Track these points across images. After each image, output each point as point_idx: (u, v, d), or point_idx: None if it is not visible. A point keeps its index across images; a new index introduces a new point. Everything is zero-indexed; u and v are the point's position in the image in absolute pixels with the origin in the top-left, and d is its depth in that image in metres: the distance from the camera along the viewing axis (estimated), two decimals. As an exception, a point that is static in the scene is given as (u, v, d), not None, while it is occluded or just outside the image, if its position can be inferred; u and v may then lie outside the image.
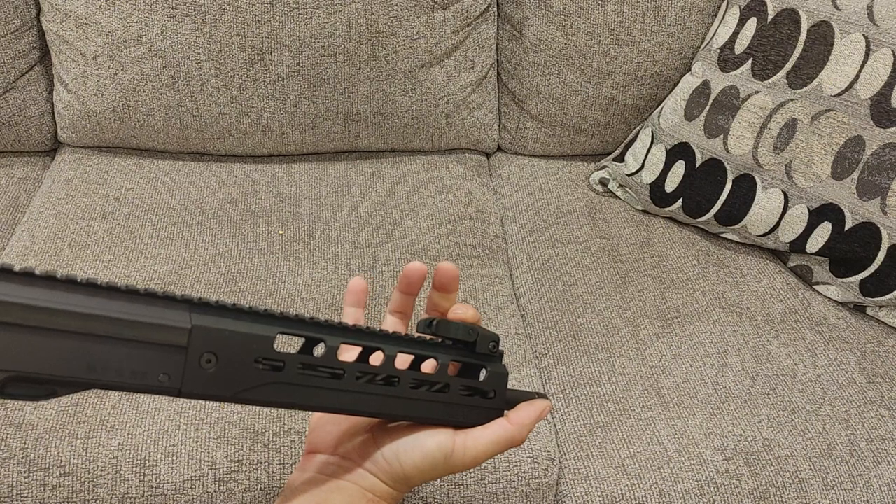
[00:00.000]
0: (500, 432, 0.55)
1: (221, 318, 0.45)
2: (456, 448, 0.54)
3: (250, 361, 0.46)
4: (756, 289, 1.21)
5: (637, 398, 1.03)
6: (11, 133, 1.36)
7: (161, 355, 0.42)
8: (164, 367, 0.43)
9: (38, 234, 1.19)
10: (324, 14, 1.26)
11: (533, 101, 1.42)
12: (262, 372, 0.47)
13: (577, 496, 0.95)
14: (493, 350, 0.59)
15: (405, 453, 0.53)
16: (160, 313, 0.43)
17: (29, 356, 0.39)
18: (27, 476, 0.88)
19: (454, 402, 0.57)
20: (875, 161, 1.12)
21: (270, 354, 0.47)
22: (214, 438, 0.92)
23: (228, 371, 0.45)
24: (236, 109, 1.32)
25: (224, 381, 0.45)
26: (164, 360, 0.43)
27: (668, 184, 1.29)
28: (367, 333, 0.52)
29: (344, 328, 0.51)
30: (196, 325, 0.44)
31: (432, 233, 1.26)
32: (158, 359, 0.42)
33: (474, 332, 0.57)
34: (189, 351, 0.43)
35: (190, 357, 0.43)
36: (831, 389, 1.05)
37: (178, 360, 0.43)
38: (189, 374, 0.43)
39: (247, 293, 1.11)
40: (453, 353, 0.57)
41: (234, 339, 0.45)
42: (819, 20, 1.17)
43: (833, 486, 0.95)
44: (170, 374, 0.43)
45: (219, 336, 0.45)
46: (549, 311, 1.17)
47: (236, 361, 0.45)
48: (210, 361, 0.44)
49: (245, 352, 0.46)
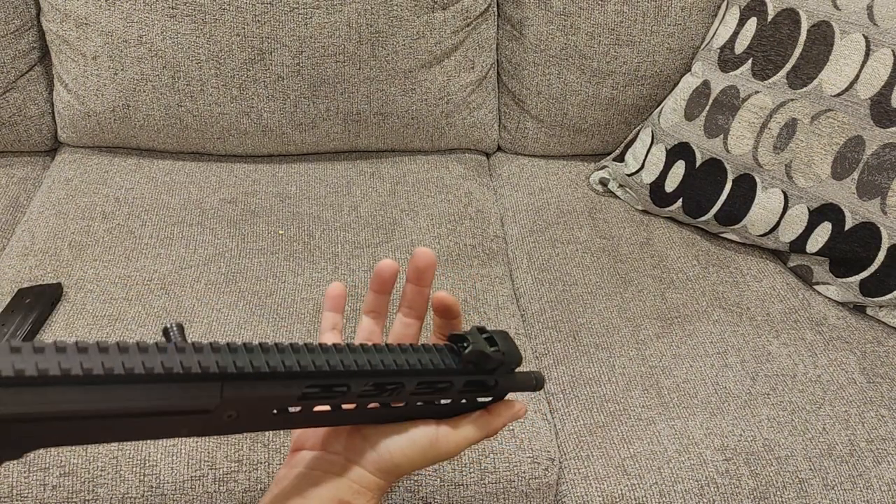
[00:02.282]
0: (479, 424, 0.58)
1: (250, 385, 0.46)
2: (440, 434, 0.56)
3: (269, 413, 0.48)
4: (756, 289, 1.21)
5: (637, 398, 1.03)
6: (11, 133, 1.36)
7: (188, 419, 0.44)
8: (187, 426, 0.44)
9: (38, 234, 1.19)
10: (324, 14, 1.26)
11: (533, 101, 1.42)
12: (277, 417, 0.48)
13: (577, 496, 0.95)
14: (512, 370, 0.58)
15: (394, 443, 0.54)
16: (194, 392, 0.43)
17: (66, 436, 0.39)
18: (27, 476, 0.88)
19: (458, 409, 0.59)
20: (875, 161, 1.12)
21: (289, 405, 0.48)
22: (214, 438, 0.92)
23: (247, 420, 0.46)
24: (236, 109, 1.32)
25: (240, 426, 0.46)
26: (189, 422, 0.44)
27: (668, 184, 1.29)
28: (388, 373, 0.52)
29: (365, 372, 0.51)
30: (226, 398, 0.44)
31: (432, 233, 1.25)
32: (184, 421, 0.44)
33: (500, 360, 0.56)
34: (214, 413, 0.44)
35: (214, 417, 0.44)
36: (831, 389, 1.05)
37: (203, 419, 0.44)
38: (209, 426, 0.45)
39: (247, 293, 1.11)
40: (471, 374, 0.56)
41: (258, 400, 0.46)
42: (819, 20, 1.17)
43: (833, 486, 0.95)
44: (190, 429, 0.44)
45: (244, 400, 0.45)
46: (549, 311, 1.17)
47: (256, 414, 0.47)
48: (231, 416, 0.46)
49: (266, 408, 0.47)
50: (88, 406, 0.38)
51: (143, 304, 1.08)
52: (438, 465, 0.92)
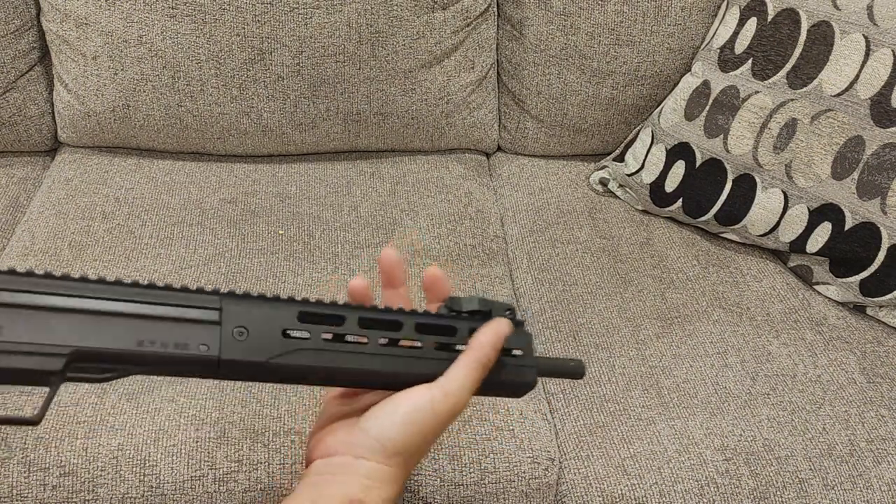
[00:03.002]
0: (467, 361, 0.57)
1: (248, 301, 0.54)
2: (434, 398, 0.55)
3: (278, 333, 0.54)
4: (756, 289, 1.21)
5: (637, 398, 1.03)
6: (11, 133, 1.36)
7: (199, 330, 0.52)
8: (202, 339, 0.52)
9: (38, 234, 1.19)
10: (324, 14, 1.26)
11: (533, 101, 1.42)
12: (289, 340, 0.54)
13: (577, 496, 0.95)
14: (510, 317, 0.63)
15: (389, 422, 0.54)
16: (195, 298, 0.53)
17: (89, 335, 0.49)
18: (27, 476, 0.88)
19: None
20: (875, 161, 1.12)
21: (295, 326, 0.55)
22: (214, 438, 0.92)
23: (260, 341, 0.53)
24: (236, 109, 1.32)
25: (257, 349, 0.53)
26: (202, 334, 0.52)
27: (668, 184, 1.29)
28: (386, 310, 0.59)
29: (362, 307, 0.58)
30: (225, 304, 0.53)
31: (432, 233, 1.26)
32: (197, 333, 0.52)
33: (488, 303, 0.63)
34: (223, 325, 0.52)
35: (224, 330, 0.52)
36: (831, 389, 1.05)
37: (215, 332, 0.52)
38: (225, 344, 0.52)
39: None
40: (471, 323, 0.61)
41: (260, 316, 0.54)
42: (819, 20, 1.17)
43: (833, 486, 0.95)
44: (209, 345, 0.52)
45: (247, 313, 0.53)
46: (549, 311, 1.17)
47: (265, 333, 0.54)
48: (242, 334, 0.53)
49: (272, 326, 0.54)
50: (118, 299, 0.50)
51: (143, 304, 1.07)
52: (438, 466, 0.92)
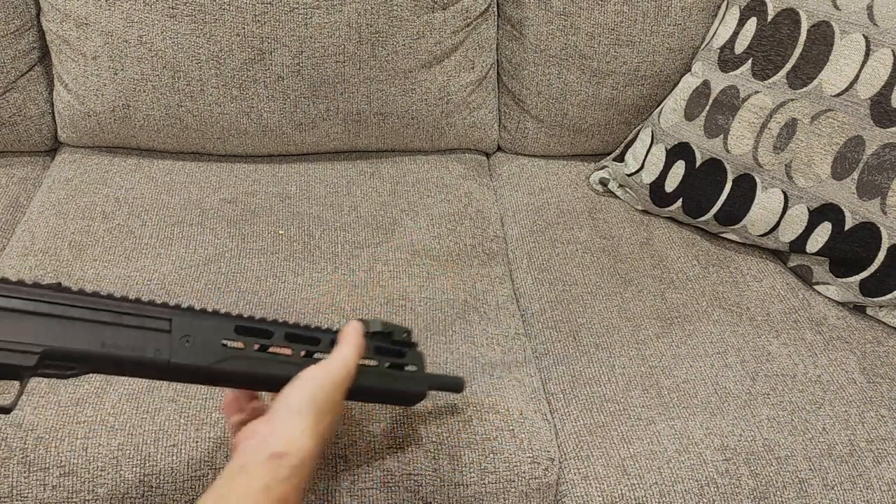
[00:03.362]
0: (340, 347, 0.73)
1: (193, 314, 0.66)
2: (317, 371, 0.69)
3: (218, 342, 0.67)
4: (756, 289, 1.21)
5: (637, 398, 1.03)
6: (11, 133, 1.36)
7: (152, 336, 0.63)
8: (156, 345, 0.63)
9: (38, 234, 1.19)
10: (324, 14, 1.26)
11: (533, 101, 1.42)
12: (227, 349, 0.67)
13: (577, 496, 0.95)
14: (408, 339, 0.82)
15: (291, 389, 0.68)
16: (149, 309, 0.64)
17: (59, 336, 0.59)
18: (27, 476, 0.88)
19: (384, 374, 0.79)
20: (875, 161, 1.12)
21: (231, 337, 0.68)
22: (214, 438, 0.92)
23: (204, 348, 0.65)
24: (236, 109, 1.32)
25: (201, 354, 0.65)
26: (155, 340, 0.63)
27: (668, 184, 1.29)
28: (305, 327, 0.75)
29: (286, 324, 0.73)
30: (174, 316, 0.65)
31: (432, 233, 1.26)
32: (151, 339, 0.63)
33: (390, 326, 0.80)
34: (171, 333, 0.64)
35: (173, 337, 0.64)
36: (831, 389, 1.05)
37: (166, 339, 0.64)
38: (174, 349, 0.64)
39: (247, 293, 1.11)
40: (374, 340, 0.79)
41: (202, 327, 0.66)
42: (819, 20, 1.17)
43: (833, 486, 0.95)
44: (160, 349, 0.63)
45: (191, 324, 0.66)
46: (549, 311, 1.17)
47: (207, 341, 0.66)
48: (188, 341, 0.65)
49: (213, 335, 0.66)
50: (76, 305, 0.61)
51: (143, 304, 1.08)
52: (438, 465, 0.92)
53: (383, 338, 0.80)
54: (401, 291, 1.14)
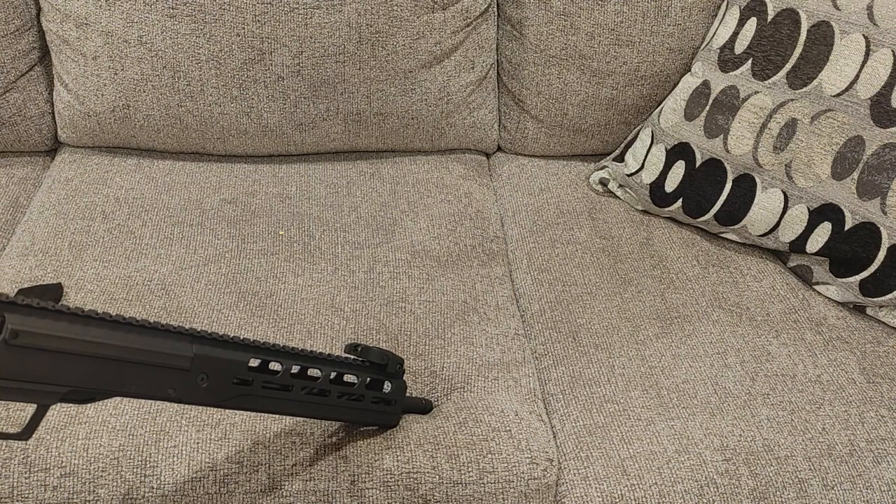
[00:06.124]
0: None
1: (213, 347, 0.67)
2: None
3: (230, 380, 0.68)
4: (756, 289, 1.21)
5: (637, 398, 1.03)
6: (11, 133, 1.36)
7: (171, 375, 0.64)
8: (172, 383, 0.64)
9: (38, 234, 1.19)
10: (324, 14, 1.26)
11: (533, 101, 1.42)
12: (236, 387, 0.70)
13: (577, 497, 0.95)
14: (399, 370, 0.86)
15: None
16: (171, 345, 0.64)
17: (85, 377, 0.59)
18: (28, 476, 0.88)
19: (366, 409, 0.85)
20: (875, 161, 1.12)
21: (243, 375, 0.70)
22: (215, 440, 0.92)
23: (218, 386, 0.67)
24: (236, 109, 1.32)
25: (211, 394, 0.67)
26: (172, 379, 0.64)
27: (668, 184, 1.29)
28: (311, 357, 0.77)
29: (294, 353, 0.76)
30: (196, 353, 0.65)
31: (432, 233, 1.26)
32: (169, 378, 0.64)
33: (387, 357, 0.84)
34: (191, 372, 0.65)
35: (191, 377, 0.65)
36: (831, 389, 1.05)
37: (183, 378, 0.64)
38: (188, 390, 0.65)
39: (247, 293, 1.11)
40: (369, 372, 0.83)
41: (220, 364, 0.67)
42: (819, 20, 1.17)
43: (833, 486, 0.95)
44: (175, 388, 0.64)
45: (209, 360, 0.66)
46: (549, 311, 1.17)
47: (220, 380, 0.67)
48: (203, 380, 0.66)
49: (227, 374, 0.68)
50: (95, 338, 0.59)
51: (143, 304, 1.08)
52: (436, 463, 0.93)
53: (379, 369, 0.85)
54: (401, 292, 1.14)
